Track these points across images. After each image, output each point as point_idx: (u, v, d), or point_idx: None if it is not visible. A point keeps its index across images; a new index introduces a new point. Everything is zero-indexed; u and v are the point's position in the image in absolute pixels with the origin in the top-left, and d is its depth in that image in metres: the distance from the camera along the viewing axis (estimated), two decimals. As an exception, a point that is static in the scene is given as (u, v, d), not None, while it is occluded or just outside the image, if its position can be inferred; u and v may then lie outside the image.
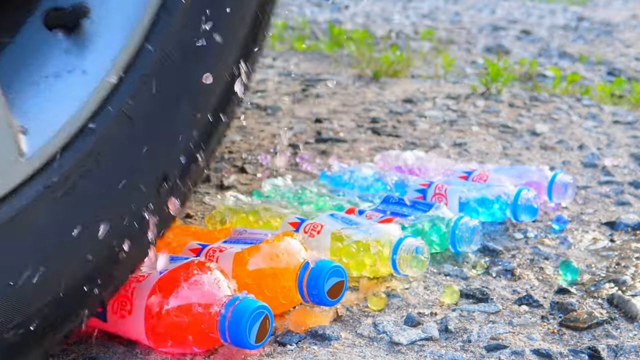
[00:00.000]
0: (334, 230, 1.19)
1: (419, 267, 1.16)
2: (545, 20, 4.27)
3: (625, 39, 3.19)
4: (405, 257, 1.15)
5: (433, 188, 1.43)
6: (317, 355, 0.99)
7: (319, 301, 1.06)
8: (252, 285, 1.03)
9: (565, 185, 1.49)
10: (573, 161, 1.80)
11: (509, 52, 3.36)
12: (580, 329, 1.07)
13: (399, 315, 1.10)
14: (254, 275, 1.04)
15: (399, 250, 1.16)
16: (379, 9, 4.75)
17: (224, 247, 1.08)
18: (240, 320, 0.93)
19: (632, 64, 2.80)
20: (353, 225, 1.21)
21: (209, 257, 1.07)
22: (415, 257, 1.15)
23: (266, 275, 1.05)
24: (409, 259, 1.15)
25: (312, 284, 1.05)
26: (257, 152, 1.87)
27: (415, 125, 2.13)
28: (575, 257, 1.30)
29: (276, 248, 1.06)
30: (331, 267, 1.05)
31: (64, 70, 0.82)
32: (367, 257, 1.17)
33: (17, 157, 0.75)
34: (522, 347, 1.02)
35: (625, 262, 1.28)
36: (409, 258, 1.15)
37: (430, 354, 1.00)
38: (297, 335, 1.03)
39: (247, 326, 0.93)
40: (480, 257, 1.29)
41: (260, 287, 1.04)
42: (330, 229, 1.20)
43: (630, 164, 1.78)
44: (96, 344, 1.01)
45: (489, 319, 1.10)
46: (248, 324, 0.93)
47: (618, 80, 2.45)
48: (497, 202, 1.40)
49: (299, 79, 2.76)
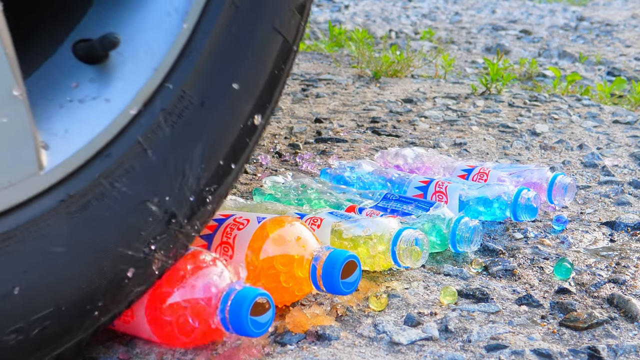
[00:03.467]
0: (334, 222, 1.20)
1: (418, 259, 1.16)
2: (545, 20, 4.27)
3: (625, 39, 3.19)
4: (405, 248, 1.15)
5: (433, 185, 1.43)
6: (317, 355, 0.99)
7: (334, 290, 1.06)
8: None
9: (565, 187, 1.49)
10: (573, 161, 1.80)
11: (509, 52, 3.36)
12: (580, 329, 1.07)
13: (399, 315, 1.10)
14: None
15: (399, 242, 1.16)
16: (379, 9, 4.75)
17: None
18: (241, 307, 0.93)
19: (632, 64, 2.80)
20: (352, 219, 1.21)
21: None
22: (415, 249, 1.16)
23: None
24: (408, 250, 1.15)
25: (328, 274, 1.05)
26: (257, 152, 1.87)
27: (415, 125, 2.13)
28: (576, 257, 1.30)
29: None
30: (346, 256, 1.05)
31: (88, 97, 0.87)
32: (366, 249, 1.17)
33: (37, 169, 0.80)
34: (522, 347, 1.02)
35: (625, 262, 1.28)
36: (408, 249, 1.15)
37: (430, 354, 1.00)
38: (297, 335, 1.03)
39: (247, 313, 0.93)
40: (479, 257, 1.29)
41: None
42: (330, 221, 1.20)
43: (630, 164, 1.78)
44: (96, 344, 1.01)
45: (489, 319, 1.10)
46: (249, 311, 0.93)
47: (618, 80, 2.45)
48: (497, 202, 1.40)
49: (299, 78, 2.76)
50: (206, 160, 0.93)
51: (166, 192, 0.90)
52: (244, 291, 0.94)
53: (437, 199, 1.41)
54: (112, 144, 0.86)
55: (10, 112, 0.76)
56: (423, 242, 1.17)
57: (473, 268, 1.25)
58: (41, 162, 0.80)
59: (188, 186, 0.92)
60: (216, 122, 0.94)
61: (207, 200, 0.95)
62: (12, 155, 0.77)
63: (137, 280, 0.89)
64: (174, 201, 0.91)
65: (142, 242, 0.88)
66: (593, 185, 1.65)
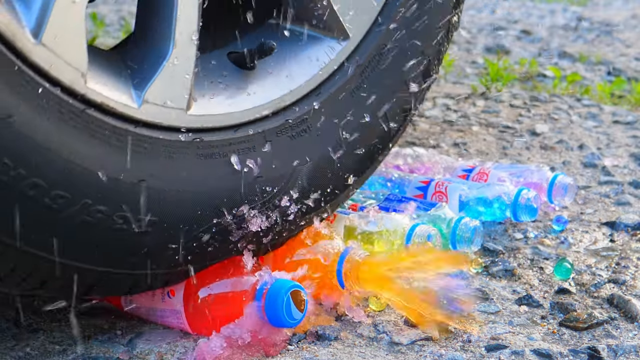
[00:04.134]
0: (348, 217, 1.20)
1: None
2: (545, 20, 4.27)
3: (625, 39, 3.19)
4: (419, 243, 1.16)
5: (433, 185, 1.43)
6: (317, 355, 0.99)
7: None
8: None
9: (565, 187, 1.48)
10: (573, 161, 1.80)
11: (509, 52, 3.36)
12: (580, 329, 1.07)
13: (399, 315, 1.10)
14: None
15: (413, 237, 1.16)
16: (379, 9, 4.74)
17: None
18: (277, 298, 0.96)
19: (632, 64, 2.80)
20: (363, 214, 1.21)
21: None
22: (428, 244, 1.17)
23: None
24: (422, 245, 1.16)
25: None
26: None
27: (416, 125, 2.13)
28: (576, 258, 1.30)
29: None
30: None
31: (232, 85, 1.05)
32: (380, 244, 1.17)
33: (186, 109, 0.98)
34: (522, 347, 1.02)
35: (625, 262, 1.28)
36: (421, 245, 1.16)
37: (430, 354, 1.00)
38: (297, 335, 1.03)
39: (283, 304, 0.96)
40: (479, 257, 1.29)
41: None
42: (343, 216, 1.21)
43: (630, 164, 1.78)
44: (96, 344, 1.01)
45: (489, 319, 1.10)
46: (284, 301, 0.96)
47: (618, 80, 2.45)
48: (497, 202, 1.40)
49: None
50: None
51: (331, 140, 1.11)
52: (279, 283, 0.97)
53: (437, 199, 1.41)
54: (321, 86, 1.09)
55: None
56: (435, 238, 1.18)
57: (473, 268, 1.25)
58: (189, 105, 0.96)
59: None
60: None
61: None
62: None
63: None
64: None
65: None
66: (593, 185, 1.65)
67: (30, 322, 1.08)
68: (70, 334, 1.04)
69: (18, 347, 1.01)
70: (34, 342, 1.03)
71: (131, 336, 1.03)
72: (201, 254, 0.98)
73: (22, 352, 1.00)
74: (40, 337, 1.04)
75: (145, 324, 1.07)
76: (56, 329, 1.06)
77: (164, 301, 1.02)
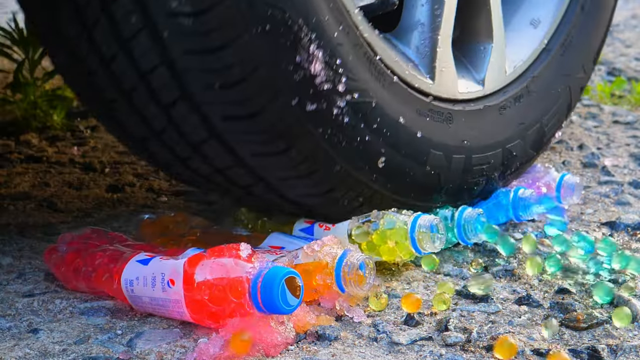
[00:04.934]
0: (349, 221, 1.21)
1: (438, 242, 1.18)
2: (545, 20, 4.26)
3: (625, 39, 3.19)
4: (424, 232, 1.16)
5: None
6: (317, 355, 0.99)
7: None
8: None
9: (572, 187, 1.48)
10: (573, 161, 1.80)
11: (509, 52, 3.36)
12: (580, 329, 1.07)
13: (399, 315, 1.10)
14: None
15: (417, 229, 1.16)
16: (379, 8, 4.74)
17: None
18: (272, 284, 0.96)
19: (632, 64, 2.80)
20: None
21: None
22: (433, 234, 1.17)
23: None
24: (427, 234, 1.16)
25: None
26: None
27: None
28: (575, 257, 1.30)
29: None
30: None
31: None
32: (384, 241, 1.17)
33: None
34: (522, 347, 1.02)
35: (625, 262, 1.28)
36: (427, 234, 1.16)
37: (430, 354, 1.00)
38: (297, 335, 1.03)
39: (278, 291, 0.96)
40: (479, 257, 1.29)
41: None
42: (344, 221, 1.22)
43: (630, 164, 1.78)
44: (96, 344, 1.01)
45: (489, 319, 1.10)
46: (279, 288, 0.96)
47: (618, 80, 2.45)
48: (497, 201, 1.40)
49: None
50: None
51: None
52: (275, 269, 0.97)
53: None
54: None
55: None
56: (439, 228, 1.18)
57: (473, 268, 1.25)
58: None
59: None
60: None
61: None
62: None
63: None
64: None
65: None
66: (593, 185, 1.65)
67: (31, 322, 1.08)
68: (70, 334, 1.04)
69: (18, 347, 1.01)
70: (34, 342, 1.03)
71: (131, 336, 1.03)
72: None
73: (22, 352, 1.00)
74: (40, 337, 1.04)
75: (145, 323, 1.07)
76: (56, 329, 1.06)
77: (165, 291, 1.02)
